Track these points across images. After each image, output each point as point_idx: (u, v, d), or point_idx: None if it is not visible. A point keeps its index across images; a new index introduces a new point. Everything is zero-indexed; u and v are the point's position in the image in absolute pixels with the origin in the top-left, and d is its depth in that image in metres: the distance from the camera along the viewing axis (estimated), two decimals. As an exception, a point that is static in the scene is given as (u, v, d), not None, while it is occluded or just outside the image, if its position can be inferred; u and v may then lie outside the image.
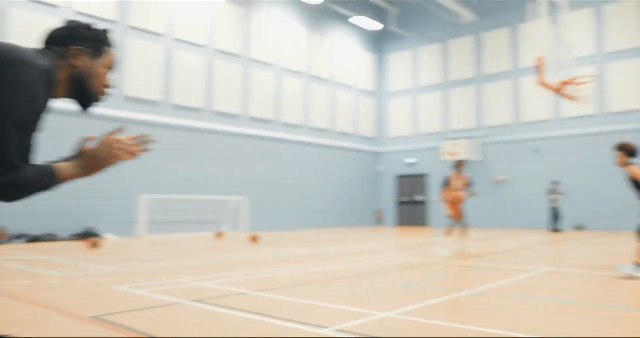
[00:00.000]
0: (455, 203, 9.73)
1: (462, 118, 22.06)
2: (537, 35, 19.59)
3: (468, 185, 9.92)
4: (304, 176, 20.53)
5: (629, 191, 8.93)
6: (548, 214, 17.94)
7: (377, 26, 23.64)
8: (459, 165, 9.82)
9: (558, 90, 9.92)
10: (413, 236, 16.00)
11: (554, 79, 9.79)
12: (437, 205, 22.31)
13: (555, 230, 17.34)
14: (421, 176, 23.27)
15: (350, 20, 23.00)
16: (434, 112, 23.01)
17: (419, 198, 23.28)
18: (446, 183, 9.82)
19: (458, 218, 9.78)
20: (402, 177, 24.02)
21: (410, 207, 23.58)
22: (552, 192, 17.60)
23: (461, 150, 21.33)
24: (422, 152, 23.22)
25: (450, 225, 10.06)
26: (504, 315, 4.29)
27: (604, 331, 3.72)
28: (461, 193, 9.63)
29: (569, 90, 10.08)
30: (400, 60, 24.48)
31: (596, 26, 18.76)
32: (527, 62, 20.04)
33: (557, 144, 19.28)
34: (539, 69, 9.30)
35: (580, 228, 18.28)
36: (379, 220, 24.29)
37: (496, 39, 21.36)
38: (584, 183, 18.26)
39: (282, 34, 20.10)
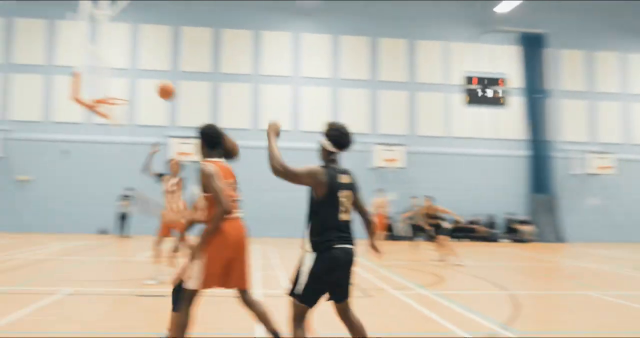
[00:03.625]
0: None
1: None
2: (74, 36, 19.36)
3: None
4: None
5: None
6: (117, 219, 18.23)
7: None
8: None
9: (91, 107, 10.07)
10: None
11: (88, 95, 9.87)
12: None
13: (125, 236, 17.68)
14: None
15: None
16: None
17: None
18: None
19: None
20: None
21: None
22: (124, 197, 17.90)
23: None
24: None
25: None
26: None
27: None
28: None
29: (102, 108, 10.42)
30: None
31: (132, 42, 20.08)
32: (62, 60, 19.49)
33: (87, 148, 19.44)
34: (74, 85, 9.18)
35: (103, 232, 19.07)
36: None
37: (30, 28, 19.78)
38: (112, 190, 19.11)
39: None
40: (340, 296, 3.63)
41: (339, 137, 3.66)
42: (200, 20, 20.60)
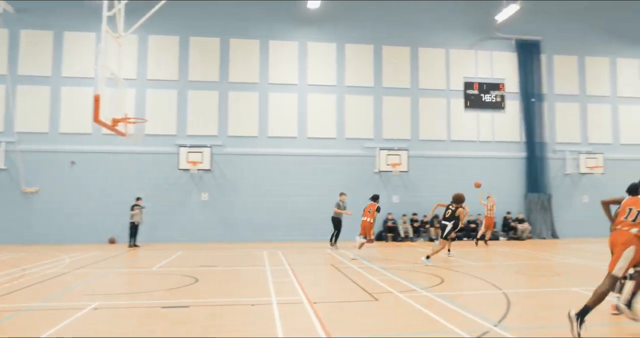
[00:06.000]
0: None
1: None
2: (83, 45, 19.79)
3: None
4: None
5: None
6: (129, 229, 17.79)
7: None
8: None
9: (111, 127, 10.49)
10: None
11: (108, 112, 10.17)
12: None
13: (134, 245, 17.50)
14: None
15: None
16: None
17: None
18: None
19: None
20: None
21: None
22: (134, 207, 17.70)
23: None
24: None
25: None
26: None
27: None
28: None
29: (120, 126, 10.81)
30: None
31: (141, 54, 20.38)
32: (68, 71, 19.84)
33: (94, 158, 19.72)
34: (95, 107, 9.49)
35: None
36: None
37: (35, 40, 20.04)
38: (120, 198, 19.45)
39: None
40: None
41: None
42: (208, 31, 20.90)
